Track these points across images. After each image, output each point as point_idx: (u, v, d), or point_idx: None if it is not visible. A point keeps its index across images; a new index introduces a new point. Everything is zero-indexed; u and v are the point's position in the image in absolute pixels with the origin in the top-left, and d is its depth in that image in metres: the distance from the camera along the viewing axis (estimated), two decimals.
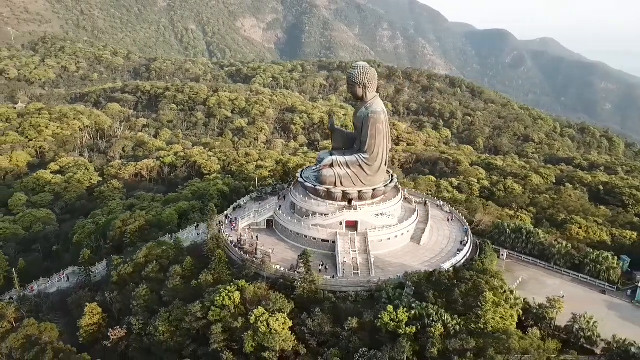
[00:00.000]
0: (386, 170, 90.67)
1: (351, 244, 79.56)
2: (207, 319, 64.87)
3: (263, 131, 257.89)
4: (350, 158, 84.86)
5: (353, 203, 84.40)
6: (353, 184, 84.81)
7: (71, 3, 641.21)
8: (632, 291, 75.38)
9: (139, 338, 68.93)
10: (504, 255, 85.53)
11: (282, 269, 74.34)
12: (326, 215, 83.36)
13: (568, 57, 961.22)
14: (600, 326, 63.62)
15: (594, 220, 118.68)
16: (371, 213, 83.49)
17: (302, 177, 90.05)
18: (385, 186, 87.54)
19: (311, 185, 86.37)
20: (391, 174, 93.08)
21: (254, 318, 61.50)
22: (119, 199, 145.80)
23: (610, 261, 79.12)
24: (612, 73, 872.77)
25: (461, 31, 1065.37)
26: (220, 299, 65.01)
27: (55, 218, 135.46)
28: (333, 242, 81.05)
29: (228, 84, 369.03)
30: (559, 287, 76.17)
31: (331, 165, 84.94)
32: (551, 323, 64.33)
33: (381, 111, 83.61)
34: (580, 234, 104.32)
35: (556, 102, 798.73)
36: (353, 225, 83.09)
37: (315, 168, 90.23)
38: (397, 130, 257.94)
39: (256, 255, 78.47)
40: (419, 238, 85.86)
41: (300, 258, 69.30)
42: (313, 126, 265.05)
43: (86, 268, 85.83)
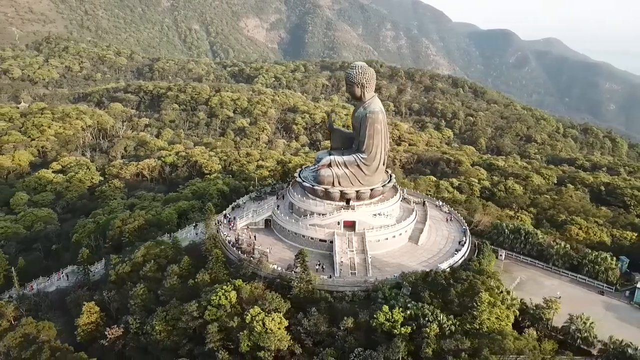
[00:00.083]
0: (384, 170, 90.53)
1: (349, 244, 79.48)
2: (204, 318, 64.96)
3: (265, 131, 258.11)
4: (348, 158, 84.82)
5: (351, 203, 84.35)
6: (351, 184, 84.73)
7: (75, 3, 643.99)
8: (631, 292, 75.02)
9: (136, 337, 69.07)
10: (502, 255, 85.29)
11: (280, 269, 74.38)
12: (324, 215, 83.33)
13: (572, 57, 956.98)
14: (597, 327, 63.41)
15: (595, 221, 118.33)
16: (369, 213, 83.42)
17: (301, 177, 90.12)
18: (383, 186, 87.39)
19: (309, 185, 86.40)
20: (389, 174, 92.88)
21: (250, 317, 61.61)
22: (120, 199, 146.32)
23: (608, 262, 78.77)
24: (617, 73, 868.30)
25: (465, 31, 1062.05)
26: (216, 298, 65.16)
27: (56, 217, 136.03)
28: (331, 242, 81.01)
29: (230, 84, 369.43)
30: (557, 288, 75.91)
31: (329, 165, 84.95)
32: (548, 324, 64.20)
33: (379, 111, 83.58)
34: (580, 235, 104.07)
35: (560, 103, 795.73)
36: (351, 225, 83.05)
37: (313, 168, 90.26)
38: (399, 130, 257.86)
39: (253, 254, 78.51)
40: (417, 238, 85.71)
41: (296, 258, 69.26)
42: (315, 126, 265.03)
43: (85, 267, 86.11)
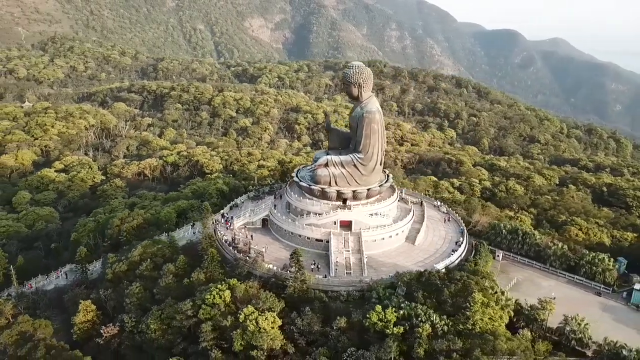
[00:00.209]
0: (382, 170, 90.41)
1: (344, 244, 79.43)
2: (198, 317, 65.18)
3: (267, 131, 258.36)
4: (345, 158, 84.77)
5: (348, 203, 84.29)
6: (348, 184, 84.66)
7: (81, 3, 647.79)
8: (628, 293, 74.56)
9: (131, 335, 69.39)
10: (500, 256, 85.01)
11: (275, 268, 74.45)
12: (320, 214, 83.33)
13: (578, 58, 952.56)
14: (593, 328, 63.05)
15: (595, 222, 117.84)
16: (365, 213, 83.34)
17: (298, 177, 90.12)
18: (380, 186, 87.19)
19: (306, 184, 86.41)
20: (387, 174, 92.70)
21: (244, 317, 61.72)
22: (121, 198, 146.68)
23: (606, 263, 78.27)
24: (623, 74, 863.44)
25: (470, 31, 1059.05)
26: (210, 298, 65.34)
27: (57, 216, 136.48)
28: (327, 242, 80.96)
29: (234, 84, 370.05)
30: (554, 289, 75.57)
31: (326, 164, 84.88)
32: (542, 324, 63.87)
33: (376, 111, 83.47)
34: (579, 236, 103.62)
35: (566, 103, 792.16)
36: (347, 225, 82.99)
37: (310, 167, 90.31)
38: (402, 130, 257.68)
39: (249, 254, 78.62)
40: (414, 238, 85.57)
41: (291, 257, 69.29)
42: (317, 126, 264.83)
43: (83, 266, 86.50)
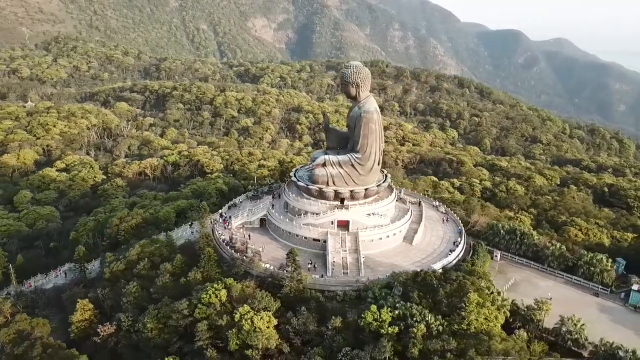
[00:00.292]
0: (380, 170, 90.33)
1: (342, 244, 79.41)
2: (194, 317, 65.19)
3: (268, 131, 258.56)
4: (342, 157, 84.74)
5: (345, 202, 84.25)
6: (345, 184, 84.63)
7: (84, 3, 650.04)
8: (626, 294, 74.16)
9: (128, 334, 69.42)
10: (498, 256, 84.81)
11: (272, 268, 74.48)
12: (318, 214, 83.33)
13: (582, 58, 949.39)
14: (590, 329, 62.84)
15: (595, 222, 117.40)
16: (362, 213, 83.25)
17: (296, 177, 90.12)
18: (378, 186, 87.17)
19: (304, 184, 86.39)
20: (385, 174, 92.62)
21: (239, 316, 61.74)
22: (122, 197, 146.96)
23: (604, 263, 77.93)
24: (627, 74, 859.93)
25: (473, 31, 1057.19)
26: (206, 297, 65.38)
27: (58, 215, 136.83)
28: (324, 242, 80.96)
29: (236, 84, 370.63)
30: (552, 289, 75.28)
31: (324, 164, 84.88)
32: (538, 325, 63.66)
33: (374, 110, 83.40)
34: (578, 236, 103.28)
35: (569, 104, 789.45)
36: (345, 224, 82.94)
37: (308, 167, 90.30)
38: (403, 130, 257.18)
39: (246, 253, 78.68)
40: (412, 238, 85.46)
41: (287, 257, 69.30)
42: (318, 126, 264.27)
43: (81, 265, 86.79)
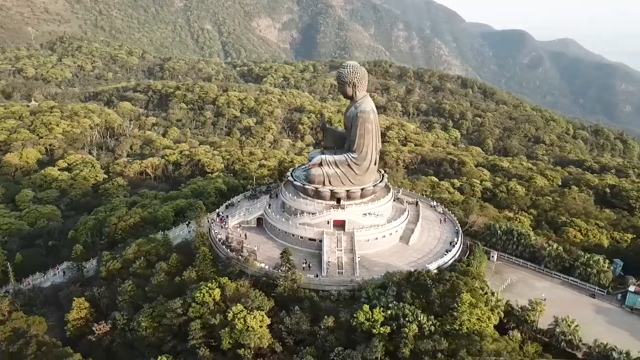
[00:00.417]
0: (377, 169, 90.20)
1: (337, 243, 79.33)
2: (187, 315, 65.41)
3: (271, 131, 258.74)
4: (339, 157, 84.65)
5: (341, 202, 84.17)
6: (342, 183, 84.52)
7: (90, 3, 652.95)
8: (622, 295, 73.75)
9: (123, 333, 69.79)
10: (494, 257, 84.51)
11: (267, 267, 74.53)
12: (314, 214, 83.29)
13: (587, 58, 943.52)
14: (586, 330, 62.55)
15: (596, 223, 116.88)
16: (359, 212, 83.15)
17: (293, 176, 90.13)
18: (374, 186, 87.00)
19: (300, 184, 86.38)
20: (382, 174, 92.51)
21: (232, 315, 61.85)
22: (123, 196, 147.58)
23: (601, 264, 77.50)
24: (633, 74, 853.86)
25: (478, 31, 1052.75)
26: (200, 296, 65.55)
27: (60, 214, 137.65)
28: (320, 241, 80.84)
29: (239, 84, 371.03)
30: (548, 290, 74.96)
31: (320, 164, 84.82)
32: (532, 326, 63.37)
33: (370, 110, 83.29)
34: (577, 237, 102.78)
35: (575, 104, 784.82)
36: (341, 224, 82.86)
37: (305, 167, 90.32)
38: (405, 130, 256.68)
39: (242, 253, 78.74)
40: (408, 238, 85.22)
41: (281, 256, 69.34)
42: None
43: (78, 263, 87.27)
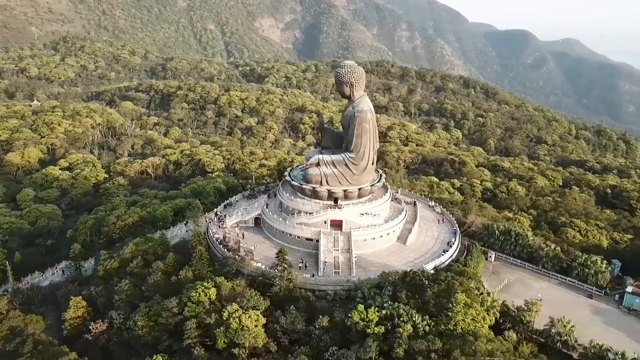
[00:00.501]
0: (374, 169, 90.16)
1: (334, 243, 79.33)
2: (183, 315, 65.46)
3: (272, 130, 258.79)
4: (336, 157, 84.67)
5: (339, 202, 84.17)
6: (339, 183, 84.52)
7: (93, 3, 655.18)
8: (620, 296, 73.49)
9: (119, 332, 69.91)
10: (492, 257, 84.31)
11: (263, 267, 74.56)
12: (311, 213, 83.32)
13: (591, 58, 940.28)
14: (583, 331, 62.34)
15: (596, 224, 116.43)
16: (356, 212, 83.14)
17: (290, 176, 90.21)
18: (372, 186, 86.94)
19: (297, 183, 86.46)
20: (379, 174, 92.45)
21: (227, 314, 61.85)
22: (123, 196, 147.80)
23: (598, 265, 77.12)
24: (637, 74, 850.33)
25: (481, 31, 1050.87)
26: (196, 295, 65.60)
27: (60, 213, 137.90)
28: (317, 241, 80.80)
29: (241, 84, 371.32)
30: (545, 291, 74.73)
31: (318, 164, 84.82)
32: (528, 326, 63.17)
33: (368, 110, 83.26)
34: (576, 238, 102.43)
35: (578, 104, 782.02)
36: (338, 224, 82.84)
37: (302, 167, 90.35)
38: (407, 130, 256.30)
39: (239, 252, 78.83)
40: (405, 238, 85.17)
41: (277, 256, 69.37)
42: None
43: (76, 262, 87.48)
